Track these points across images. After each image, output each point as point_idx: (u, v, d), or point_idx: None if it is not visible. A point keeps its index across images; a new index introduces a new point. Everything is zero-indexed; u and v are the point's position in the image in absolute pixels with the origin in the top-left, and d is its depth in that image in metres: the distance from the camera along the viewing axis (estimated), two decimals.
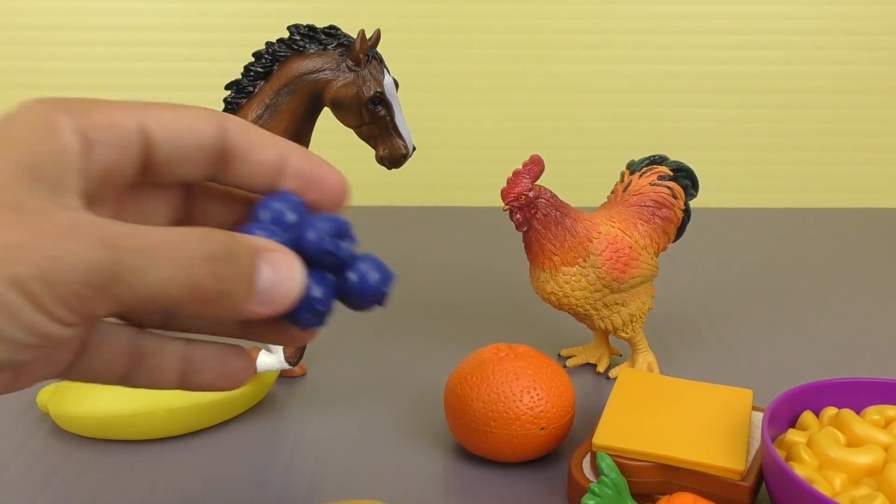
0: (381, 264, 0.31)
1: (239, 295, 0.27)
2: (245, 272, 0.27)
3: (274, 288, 0.28)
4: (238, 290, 0.27)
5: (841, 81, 1.20)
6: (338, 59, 0.62)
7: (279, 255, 0.28)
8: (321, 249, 0.29)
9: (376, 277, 0.31)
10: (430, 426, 0.65)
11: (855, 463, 0.47)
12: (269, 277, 0.27)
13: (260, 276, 0.27)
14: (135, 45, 1.18)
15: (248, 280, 0.27)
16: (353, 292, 0.31)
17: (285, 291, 0.28)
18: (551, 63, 1.19)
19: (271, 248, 0.28)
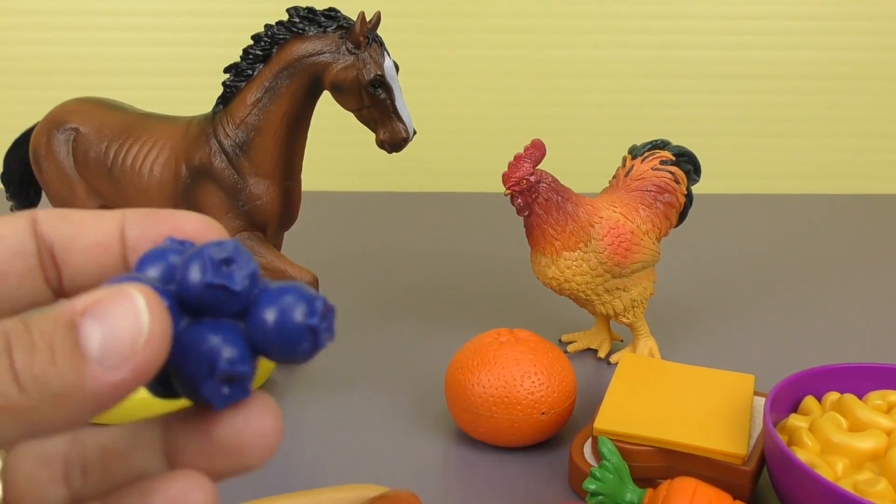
0: (300, 291, 0.22)
1: (66, 375, 0.19)
2: (60, 344, 0.19)
3: (111, 343, 0.20)
4: (61, 370, 0.19)
5: (843, 68, 1.19)
6: (338, 41, 0.62)
7: (106, 301, 0.20)
8: (205, 285, 0.21)
9: (297, 309, 0.22)
10: (431, 411, 0.65)
11: (857, 448, 0.47)
12: (98, 334, 0.20)
13: (85, 338, 0.19)
14: (134, 30, 1.17)
15: (68, 353, 0.19)
16: (268, 336, 0.22)
17: (129, 341, 0.20)
18: (553, 48, 1.18)
19: (96, 300, 0.20)
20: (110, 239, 0.25)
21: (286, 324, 0.22)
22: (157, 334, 0.20)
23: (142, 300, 0.20)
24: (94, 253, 0.24)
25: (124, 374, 0.20)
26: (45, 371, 0.19)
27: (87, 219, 0.25)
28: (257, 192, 0.65)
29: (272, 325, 0.22)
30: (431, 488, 0.55)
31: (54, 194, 0.70)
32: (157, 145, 0.66)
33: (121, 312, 0.20)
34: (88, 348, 0.19)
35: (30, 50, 1.19)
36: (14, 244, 0.24)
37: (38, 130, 0.70)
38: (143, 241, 0.25)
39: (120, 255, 0.25)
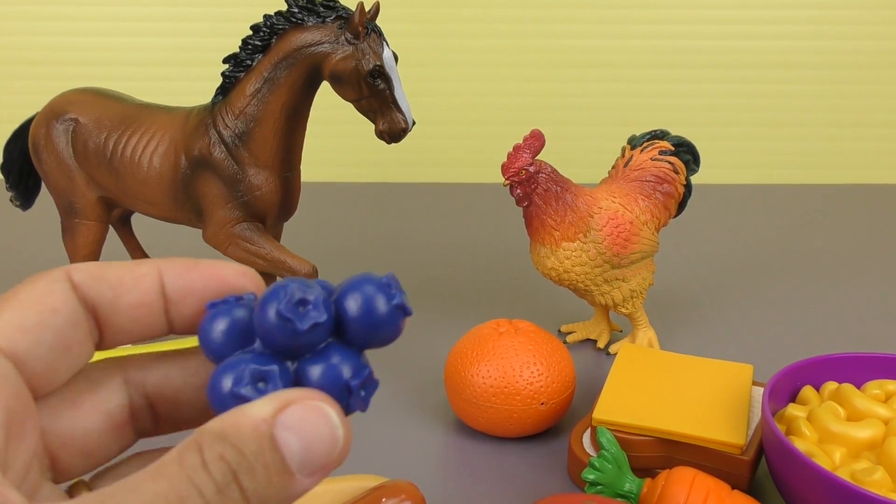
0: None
1: (280, 490, 0.21)
2: (271, 463, 0.21)
3: (310, 456, 0.21)
4: (276, 486, 0.21)
5: (844, 57, 1.19)
6: (336, 31, 0.62)
7: (298, 412, 0.21)
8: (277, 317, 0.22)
9: (379, 299, 0.23)
10: (431, 401, 0.65)
11: (855, 437, 0.47)
12: (296, 446, 0.21)
13: (287, 452, 0.21)
14: (133, 20, 1.17)
15: (279, 471, 0.21)
16: (364, 331, 0.23)
17: (326, 453, 0.21)
18: (552, 38, 1.18)
19: (285, 405, 0.21)
20: (151, 297, 0.25)
21: (376, 314, 0.23)
22: (348, 442, 0.22)
23: (334, 414, 0.22)
24: (137, 314, 0.25)
25: (321, 477, 0.21)
26: (267, 492, 0.20)
27: (124, 277, 0.25)
28: (257, 182, 0.65)
29: (364, 320, 0.23)
30: (431, 478, 0.56)
31: (53, 185, 0.70)
32: (156, 136, 0.66)
33: (316, 426, 0.21)
34: (291, 462, 0.21)
35: (29, 40, 1.18)
36: (69, 314, 0.24)
37: (38, 121, 0.70)
38: (185, 296, 0.25)
39: (161, 311, 0.25)
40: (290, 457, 0.21)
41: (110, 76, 1.19)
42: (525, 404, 0.57)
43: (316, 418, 0.21)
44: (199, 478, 0.20)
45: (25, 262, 0.92)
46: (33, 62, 1.19)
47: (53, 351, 0.23)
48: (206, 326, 0.23)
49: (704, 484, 0.47)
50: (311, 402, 0.21)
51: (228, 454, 0.20)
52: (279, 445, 0.21)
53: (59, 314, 0.23)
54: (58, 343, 0.23)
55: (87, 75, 1.19)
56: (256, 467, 0.20)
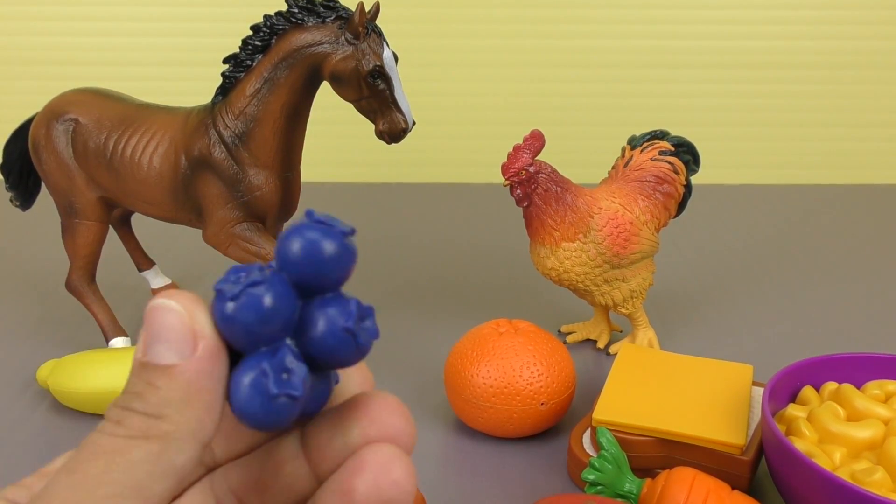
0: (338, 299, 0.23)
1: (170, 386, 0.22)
2: (148, 378, 0.22)
3: (163, 339, 0.22)
4: (164, 390, 0.22)
5: (844, 57, 1.19)
6: (336, 32, 0.62)
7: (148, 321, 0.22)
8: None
9: (337, 317, 0.23)
10: (431, 401, 0.65)
11: (855, 437, 0.47)
12: (149, 341, 0.22)
13: (161, 359, 0.22)
14: (133, 21, 1.17)
15: (154, 374, 0.22)
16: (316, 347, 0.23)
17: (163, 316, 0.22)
18: (552, 38, 1.18)
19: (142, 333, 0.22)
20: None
21: (329, 333, 0.22)
22: (198, 314, 0.22)
23: (171, 302, 0.22)
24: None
25: (199, 353, 0.22)
26: (157, 397, 0.21)
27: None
28: (257, 182, 0.65)
29: (318, 336, 0.22)
30: (431, 479, 0.56)
31: (53, 185, 0.70)
32: (156, 136, 0.66)
33: (162, 320, 0.22)
34: (161, 359, 0.22)
35: (29, 40, 1.18)
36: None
37: (38, 121, 0.70)
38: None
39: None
40: (165, 357, 0.21)
41: (110, 76, 1.19)
42: (525, 404, 0.57)
43: (158, 314, 0.22)
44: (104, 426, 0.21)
45: (25, 262, 0.92)
46: (33, 62, 1.19)
47: None
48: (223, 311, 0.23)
49: (704, 484, 0.47)
50: (150, 307, 0.22)
51: (117, 402, 0.22)
52: (152, 362, 0.22)
53: None
54: None
55: (87, 75, 1.19)
56: (139, 389, 0.21)
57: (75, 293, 0.71)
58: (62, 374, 0.62)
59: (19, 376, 0.69)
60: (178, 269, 0.90)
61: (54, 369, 0.63)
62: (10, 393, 0.66)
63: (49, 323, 0.78)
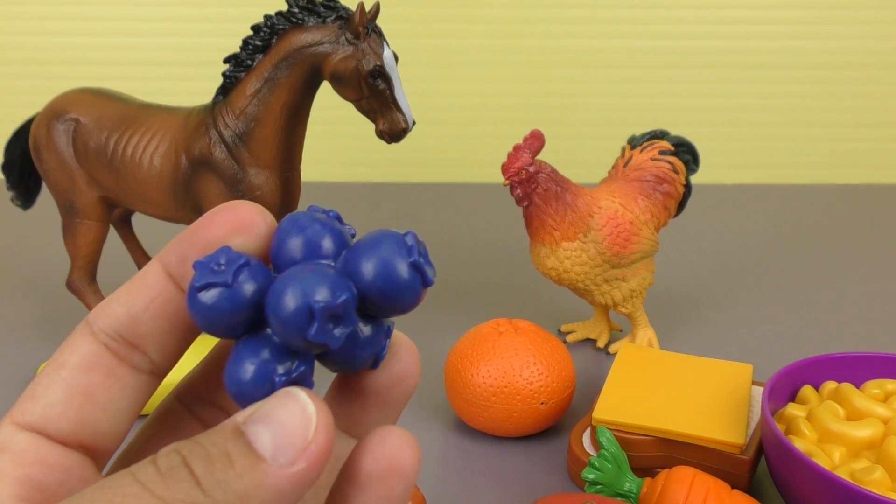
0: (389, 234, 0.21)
1: (247, 474, 0.19)
2: (234, 448, 0.19)
3: (282, 440, 0.19)
4: (240, 470, 0.19)
5: (843, 57, 1.19)
6: (337, 32, 0.62)
7: (267, 405, 0.20)
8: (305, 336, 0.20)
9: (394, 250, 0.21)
10: (431, 401, 0.65)
11: (854, 436, 0.47)
12: (267, 435, 0.19)
13: (255, 440, 0.19)
14: (134, 20, 1.17)
15: (243, 454, 0.19)
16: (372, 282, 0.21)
17: (300, 434, 0.19)
18: (552, 38, 1.18)
19: (256, 408, 0.20)
20: (159, 287, 0.23)
21: (388, 266, 0.20)
22: (324, 422, 0.20)
23: (304, 395, 0.20)
24: (156, 311, 0.23)
25: (301, 465, 0.19)
26: (225, 475, 0.19)
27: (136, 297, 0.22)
28: (257, 182, 0.65)
29: (374, 272, 0.20)
30: (431, 478, 0.56)
31: (54, 185, 0.70)
32: (157, 136, 0.66)
33: (286, 411, 0.20)
34: (261, 448, 0.19)
35: (30, 40, 1.18)
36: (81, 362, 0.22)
37: (38, 121, 0.70)
38: (185, 264, 0.23)
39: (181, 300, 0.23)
40: (261, 444, 0.19)
41: (111, 76, 1.19)
42: (525, 404, 0.57)
43: (286, 400, 0.20)
44: (145, 470, 0.19)
45: (26, 262, 0.92)
46: (34, 62, 1.19)
47: (69, 407, 0.22)
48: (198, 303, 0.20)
49: (704, 483, 0.47)
50: (282, 393, 0.20)
51: (183, 446, 0.19)
52: (249, 437, 0.19)
53: (66, 367, 0.22)
54: (72, 397, 0.22)
55: (87, 75, 1.20)
56: (214, 453, 0.19)
57: (76, 292, 0.71)
58: None
59: (20, 375, 0.69)
60: None
61: None
62: (11, 392, 0.67)
63: (50, 322, 0.79)
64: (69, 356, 0.22)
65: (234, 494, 0.19)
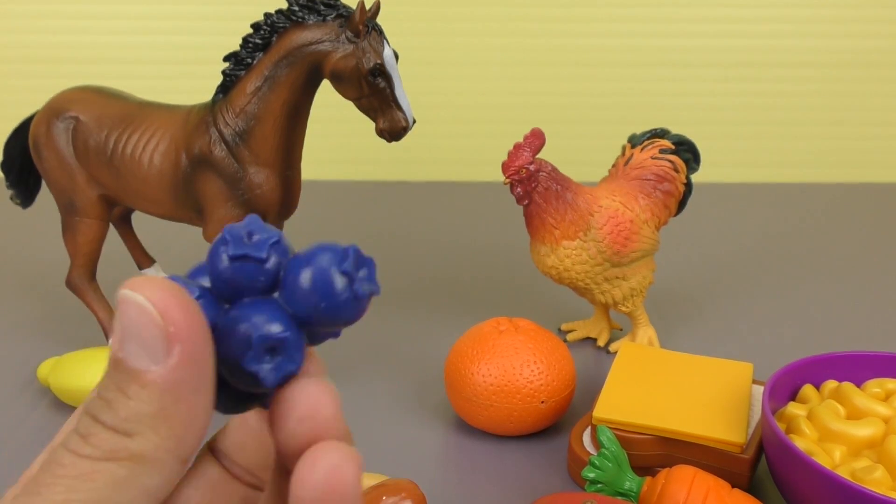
0: (328, 246, 0.21)
1: (142, 396, 0.19)
2: (119, 381, 0.19)
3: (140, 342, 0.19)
4: (135, 395, 0.19)
5: (844, 55, 1.19)
6: (337, 30, 0.62)
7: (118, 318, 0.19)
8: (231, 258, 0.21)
9: (327, 260, 0.21)
10: (431, 400, 0.65)
11: (855, 435, 0.47)
12: (134, 346, 0.19)
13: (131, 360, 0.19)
14: (134, 19, 1.17)
15: (127, 379, 0.19)
16: (304, 297, 0.21)
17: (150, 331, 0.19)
18: (552, 36, 1.18)
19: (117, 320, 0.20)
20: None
21: (318, 278, 0.20)
22: (167, 303, 0.19)
23: (138, 296, 0.19)
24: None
25: (174, 355, 0.19)
26: (127, 408, 0.19)
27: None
28: (257, 180, 0.65)
29: (305, 285, 0.20)
30: (431, 476, 0.56)
31: (54, 183, 0.70)
32: (156, 134, 0.66)
33: (130, 316, 0.19)
34: (136, 362, 0.19)
35: (30, 38, 1.18)
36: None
37: (38, 119, 0.70)
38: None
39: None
40: (136, 359, 0.19)
41: (111, 74, 1.19)
42: (525, 403, 0.57)
43: (128, 311, 0.19)
44: (71, 440, 0.19)
45: (26, 260, 0.92)
46: (34, 60, 1.19)
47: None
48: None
49: (704, 482, 0.47)
50: (121, 299, 0.19)
51: (90, 405, 0.20)
52: (125, 361, 0.19)
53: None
54: None
55: (87, 73, 1.19)
56: (110, 397, 0.19)
57: (76, 291, 0.71)
58: (63, 372, 0.62)
59: (20, 374, 0.69)
60: (179, 267, 0.91)
61: (55, 367, 0.63)
62: (11, 391, 0.67)
63: (50, 321, 0.79)
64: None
65: (144, 417, 0.19)
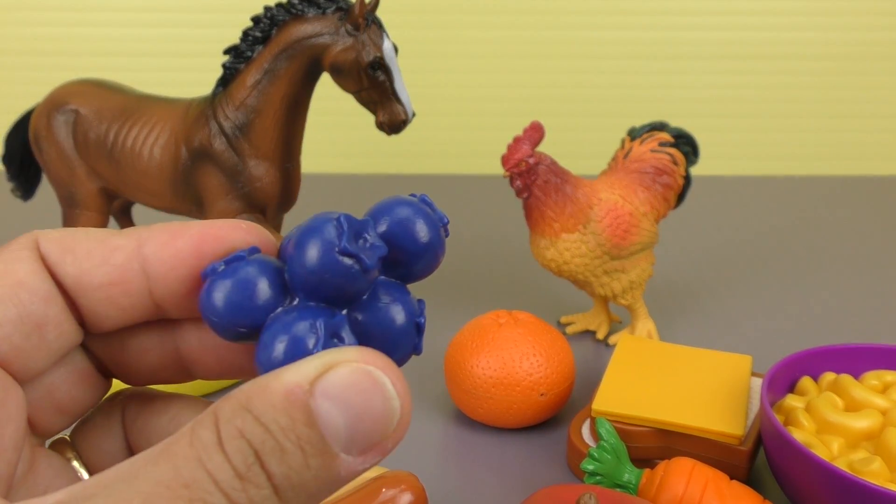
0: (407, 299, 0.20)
1: (319, 474, 0.17)
2: (307, 440, 0.16)
3: (360, 433, 0.17)
4: (314, 470, 0.17)
5: (844, 48, 1.19)
6: (337, 23, 0.62)
7: (336, 376, 0.17)
8: (340, 252, 0.19)
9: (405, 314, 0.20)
10: (431, 392, 0.65)
11: (853, 427, 0.48)
12: (341, 421, 0.17)
13: (328, 427, 0.17)
14: (134, 11, 1.17)
15: (318, 451, 0.17)
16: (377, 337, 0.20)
17: (380, 430, 0.17)
18: (552, 29, 1.18)
19: (320, 371, 0.17)
20: (127, 274, 0.21)
21: (404, 319, 0.20)
22: (406, 418, 0.17)
23: (388, 380, 0.17)
24: (111, 293, 0.21)
25: (375, 458, 0.17)
26: (301, 477, 0.16)
27: (94, 250, 0.21)
28: (257, 173, 0.65)
29: (383, 328, 0.20)
30: (430, 469, 0.56)
31: (54, 176, 0.70)
32: (156, 127, 0.66)
33: (366, 394, 0.17)
34: (334, 440, 0.17)
35: (30, 31, 1.18)
36: (37, 289, 0.20)
37: (39, 112, 0.70)
38: (172, 269, 0.21)
39: (143, 291, 0.21)
40: (333, 434, 0.17)
41: (111, 67, 1.19)
42: (524, 395, 0.57)
43: (366, 385, 0.17)
44: (213, 460, 0.16)
45: None
46: (34, 53, 1.19)
47: (21, 329, 0.20)
48: (208, 296, 0.19)
49: (703, 474, 0.47)
50: (359, 364, 0.17)
51: (250, 430, 0.16)
52: (317, 419, 0.16)
53: (25, 288, 0.20)
54: (26, 320, 0.20)
55: (87, 66, 1.19)
56: (287, 447, 0.16)
57: None
58: None
59: None
60: None
61: None
62: None
63: None
64: (30, 276, 0.20)
65: (307, 495, 0.17)
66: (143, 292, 0.21)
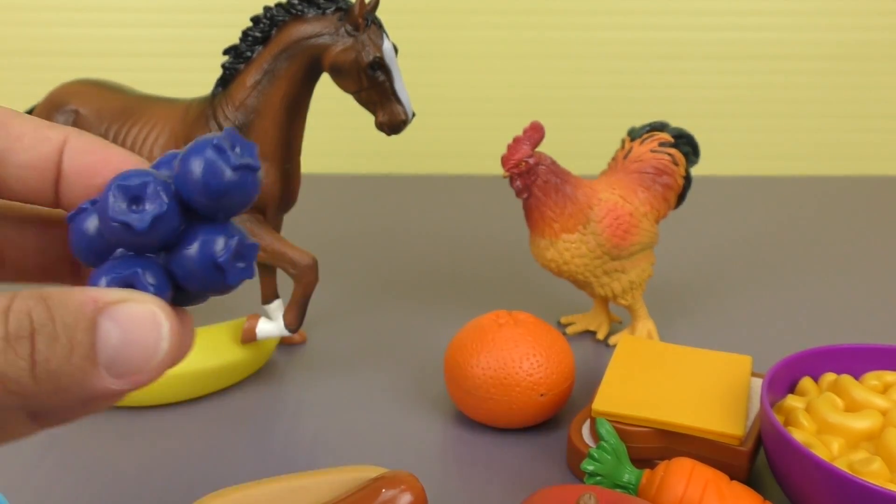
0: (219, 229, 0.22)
1: (76, 373, 0.19)
2: (79, 341, 0.19)
3: (124, 355, 0.20)
4: (73, 368, 0.19)
5: (844, 48, 1.19)
6: (336, 23, 0.62)
7: (131, 309, 0.20)
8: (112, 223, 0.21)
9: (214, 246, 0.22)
10: (430, 393, 0.65)
11: (853, 428, 0.48)
12: (114, 340, 0.20)
13: (102, 341, 0.20)
14: (134, 12, 1.17)
15: (84, 353, 0.19)
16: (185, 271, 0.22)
17: (142, 359, 0.20)
18: (552, 29, 1.18)
19: (121, 300, 0.20)
20: (45, 163, 0.23)
21: (200, 261, 0.22)
22: (169, 360, 0.20)
23: (166, 325, 0.20)
24: (26, 174, 0.23)
25: (126, 385, 0.20)
26: (60, 367, 0.19)
27: (26, 133, 0.23)
28: None
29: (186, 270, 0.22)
30: (430, 469, 0.56)
31: None
32: (156, 127, 0.66)
33: (143, 329, 0.20)
34: (101, 353, 0.20)
35: (30, 31, 1.18)
36: None
37: (38, 112, 0.70)
38: (79, 175, 0.24)
39: (51, 182, 0.24)
40: (103, 347, 0.19)
41: (111, 67, 1.19)
42: (524, 395, 0.57)
43: (147, 323, 0.20)
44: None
45: None
46: (34, 53, 1.19)
47: None
48: (71, 238, 0.23)
49: (703, 475, 0.47)
50: (149, 305, 0.20)
51: (38, 312, 0.19)
52: (97, 330, 0.19)
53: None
54: None
55: (87, 66, 1.19)
56: (61, 339, 0.19)
57: None
58: None
59: None
60: None
61: None
62: None
63: None
64: None
65: (56, 387, 0.19)
66: (51, 183, 0.24)
